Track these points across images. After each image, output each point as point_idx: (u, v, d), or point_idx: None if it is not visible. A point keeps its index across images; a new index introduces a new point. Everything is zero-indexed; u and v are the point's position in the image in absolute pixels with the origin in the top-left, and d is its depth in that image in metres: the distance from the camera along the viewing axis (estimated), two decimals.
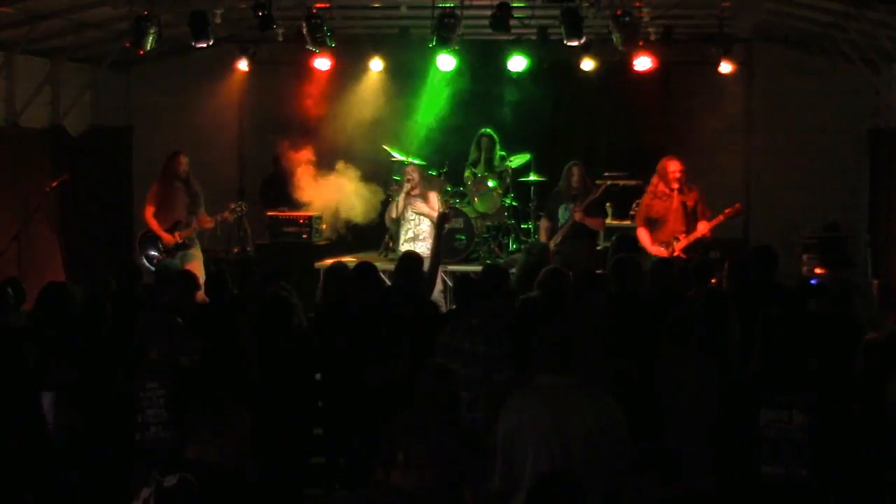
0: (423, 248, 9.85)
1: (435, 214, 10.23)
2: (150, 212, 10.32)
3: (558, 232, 9.75)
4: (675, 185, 9.23)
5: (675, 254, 9.07)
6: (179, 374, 5.53)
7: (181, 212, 10.25)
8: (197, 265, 10.02)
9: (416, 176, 10.49)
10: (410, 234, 10.28)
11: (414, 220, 10.31)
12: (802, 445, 4.66)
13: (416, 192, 10.43)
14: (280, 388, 5.93)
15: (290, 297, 6.85)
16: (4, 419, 5.93)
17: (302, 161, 11.52)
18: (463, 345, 5.65)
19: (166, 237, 10.19)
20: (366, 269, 7.05)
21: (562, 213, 9.89)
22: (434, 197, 10.51)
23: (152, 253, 10.19)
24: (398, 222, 10.53)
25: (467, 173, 11.60)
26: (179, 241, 10.19)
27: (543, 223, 10.21)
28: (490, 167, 11.58)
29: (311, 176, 11.50)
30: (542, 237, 10.19)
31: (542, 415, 4.51)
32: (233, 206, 10.57)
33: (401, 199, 10.43)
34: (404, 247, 10.01)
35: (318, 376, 6.63)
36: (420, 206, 10.38)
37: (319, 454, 6.91)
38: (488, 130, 11.68)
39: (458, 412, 4.95)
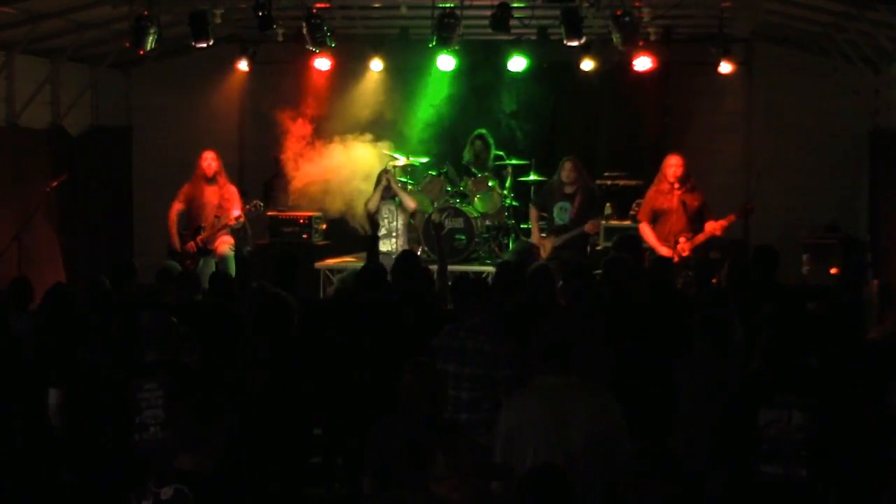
0: (390, 245, 9.95)
1: (413, 206, 10.32)
2: (173, 209, 10.41)
3: (561, 237, 9.72)
4: (673, 179, 9.26)
5: (685, 254, 9.08)
6: (178, 374, 5.52)
7: (209, 213, 10.28)
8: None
9: (392, 175, 10.46)
10: (383, 231, 10.19)
11: (388, 216, 10.20)
12: (802, 445, 4.65)
13: (394, 189, 10.31)
14: (280, 388, 5.92)
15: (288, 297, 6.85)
16: (7, 419, 5.93)
17: (300, 135, 11.57)
18: (466, 344, 5.61)
19: (176, 241, 10.21)
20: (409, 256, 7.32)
21: (557, 213, 9.85)
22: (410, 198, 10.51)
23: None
24: (373, 218, 10.35)
25: (452, 171, 11.64)
26: (200, 245, 10.20)
27: (533, 213, 10.19)
28: (484, 168, 11.57)
29: (307, 150, 11.56)
30: (533, 226, 10.13)
31: (542, 414, 4.51)
32: (248, 206, 10.55)
33: (377, 194, 10.26)
34: (383, 245, 10.06)
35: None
36: (406, 197, 10.30)
37: (319, 454, 6.91)
38: (482, 131, 11.68)
39: (444, 411, 4.94)
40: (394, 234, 10.16)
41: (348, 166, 11.48)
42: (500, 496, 4.05)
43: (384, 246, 10.03)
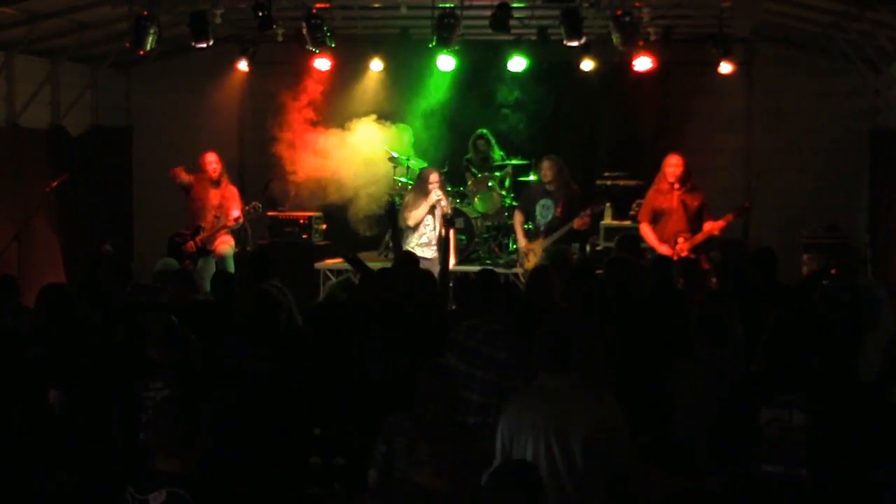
0: (431, 252, 9.75)
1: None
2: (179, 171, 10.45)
3: (550, 238, 9.66)
4: (672, 180, 9.25)
5: (683, 254, 9.08)
6: (182, 374, 5.53)
7: (210, 213, 10.27)
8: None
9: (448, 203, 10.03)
10: (425, 240, 9.85)
11: (430, 225, 9.89)
12: (802, 445, 4.66)
13: (444, 199, 9.95)
14: (277, 387, 5.92)
15: (281, 295, 6.85)
16: (12, 417, 5.92)
17: (301, 132, 11.58)
18: (482, 348, 5.54)
19: (188, 244, 10.23)
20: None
21: (539, 212, 9.80)
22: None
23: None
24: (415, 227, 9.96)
25: (468, 174, 11.58)
26: (199, 245, 10.18)
27: (517, 217, 10.12)
28: (487, 167, 11.57)
29: (307, 145, 11.55)
30: (518, 230, 10.04)
31: (542, 414, 4.51)
32: (247, 207, 10.50)
33: (425, 204, 9.81)
34: (420, 252, 9.64)
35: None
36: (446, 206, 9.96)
37: (319, 454, 6.91)
38: (484, 131, 11.68)
39: (456, 413, 4.93)
40: (433, 243, 9.85)
41: (350, 158, 11.50)
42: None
43: (426, 253, 9.72)
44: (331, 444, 6.85)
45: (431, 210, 9.88)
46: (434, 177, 9.97)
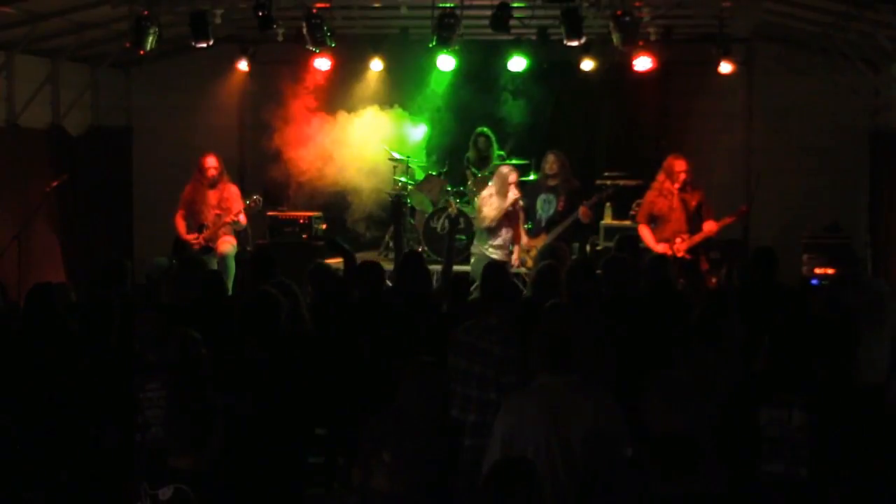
0: (503, 255, 9.45)
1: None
2: (178, 214, 10.37)
3: (553, 232, 9.65)
4: (680, 185, 9.24)
5: (680, 254, 9.07)
6: (180, 374, 5.52)
7: (211, 213, 10.26)
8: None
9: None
10: (500, 241, 9.49)
11: (504, 226, 9.51)
12: (802, 445, 4.66)
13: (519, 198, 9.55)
14: (275, 386, 5.91)
15: (285, 294, 6.84)
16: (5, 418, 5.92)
17: (300, 131, 11.58)
18: (479, 344, 5.58)
19: (190, 238, 10.19)
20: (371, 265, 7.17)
21: (540, 206, 9.77)
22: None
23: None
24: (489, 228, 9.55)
25: (468, 174, 11.58)
26: (203, 243, 10.16)
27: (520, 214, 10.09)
28: (487, 166, 11.57)
29: (307, 144, 11.57)
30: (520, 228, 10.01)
31: (541, 414, 4.51)
32: (248, 201, 10.40)
33: (505, 205, 9.38)
34: (494, 254, 9.38)
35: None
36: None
37: (319, 454, 6.91)
38: (484, 129, 11.68)
39: (445, 410, 4.92)
40: (505, 245, 9.51)
41: (350, 155, 11.51)
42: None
43: (500, 255, 9.39)
44: (332, 444, 6.86)
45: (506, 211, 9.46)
46: (514, 176, 9.50)
